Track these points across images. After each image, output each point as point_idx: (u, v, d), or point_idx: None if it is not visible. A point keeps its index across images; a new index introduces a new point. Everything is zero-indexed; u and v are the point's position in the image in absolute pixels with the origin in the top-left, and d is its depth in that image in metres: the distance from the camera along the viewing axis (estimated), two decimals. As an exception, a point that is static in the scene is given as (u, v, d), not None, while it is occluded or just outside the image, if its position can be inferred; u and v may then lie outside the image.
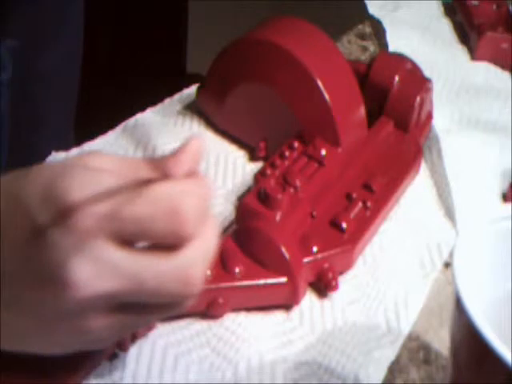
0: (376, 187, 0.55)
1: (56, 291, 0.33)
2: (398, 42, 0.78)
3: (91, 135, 0.61)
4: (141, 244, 0.35)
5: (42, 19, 0.66)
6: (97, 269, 0.33)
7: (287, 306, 0.50)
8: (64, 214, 0.33)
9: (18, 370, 0.39)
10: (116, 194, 0.33)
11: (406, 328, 0.50)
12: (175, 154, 0.37)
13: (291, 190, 0.52)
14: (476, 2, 0.83)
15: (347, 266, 0.52)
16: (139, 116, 0.64)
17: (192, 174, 0.36)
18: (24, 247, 0.34)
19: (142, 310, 0.37)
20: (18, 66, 0.63)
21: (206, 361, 0.46)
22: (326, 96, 0.56)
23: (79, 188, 0.33)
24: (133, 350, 0.45)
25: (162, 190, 0.34)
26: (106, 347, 0.39)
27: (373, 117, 0.61)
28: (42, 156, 0.57)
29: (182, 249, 0.35)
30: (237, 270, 0.48)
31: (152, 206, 0.34)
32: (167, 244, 0.35)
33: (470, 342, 0.35)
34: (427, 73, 0.65)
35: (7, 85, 0.63)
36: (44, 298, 0.34)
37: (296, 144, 0.57)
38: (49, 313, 0.35)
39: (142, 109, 0.65)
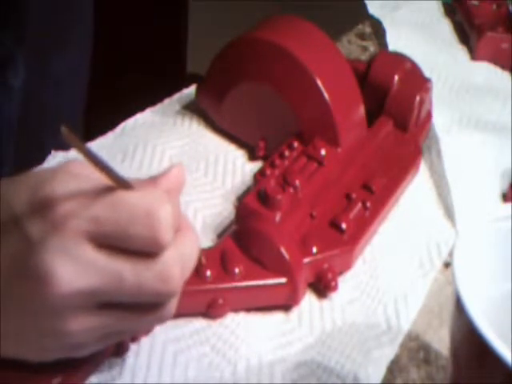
0: (375, 188, 0.55)
1: (37, 288, 0.35)
2: (397, 42, 0.78)
3: (90, 135, 0.61)
4: None
5: (55, 23, 0.66)
6: (77, 267, 0.35)
7: (286, 307, 0.50)
8: (48, 214, 0.35)
9: (17, 370, 0.39)
10: (96, 197, 0.35)
11: (405, 326, 0.50)
12: (155, 178, 0.39)
13: (291, 190, 0.52)
14: (476, 2, 0.83)
15: (347, 266, 0.52)
16: (139, 116, 0.64)
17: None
18: (10, 245, 0.36)
19: (122, 312, 0.38)
20: (29, 69, 0.63)
21: (205, 359, 0.46)
22: (326, 95, 0.55)
23: (62, 190, 0.35)
24: (132, 346, 0.45)
25: (139, 196, 0.36)
26: (87, 355, 0.40)
27: (372, 116, 0.61)
28: None
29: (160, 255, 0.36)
30: (236, 270, 0.48)
31: (130, 210, 0.35)
32: (146, 251, 0.36)
33: (470, 341, 0.35)
34: (427, 73, 0.65)
35: (19, 89, 0.63)
36: (26, 294, 0.36)
37: (295, 144, 0.57)
38: (30, 311, 0.36)
39: (142, 109, 0.65)
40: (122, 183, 0.36)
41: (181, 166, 0.40)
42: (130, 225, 0.35)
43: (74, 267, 0.35)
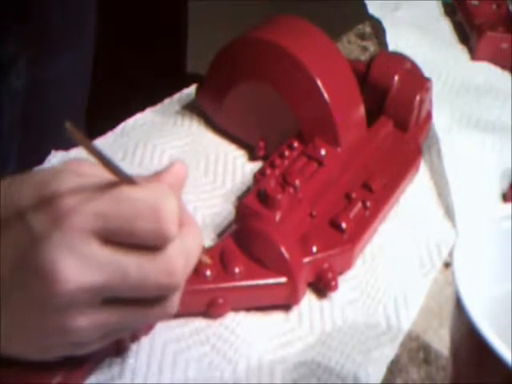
0: (375, 187, 0.55)
1: (43, 285, 0.35)
2: (397, 42, 0.78)
3: (91, 135, 0.61)
4: None
5: (58, 24, 0.66)
6: (81, 263, 0.35)
7: (286, 306, 0.50)
8: (52, 210, 0.35)
9: (17, 369, 0.39)
10: (101, 193, 0.35)
11: (405, 326, 0.50)
12: (157, 174, 0.39)
13: (291, 189, 0.52)
14: (476, 2, 0.82)
15: (347, 265, 0.52)
16: (139, 116, 0.64)
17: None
18: (15, 243, 0.36)
19: (127, 307, 0.38)
20: (31, 70, 0.63)
21: (205, 359, 0.46)
22: (326, 95, 0.56)
23: (67, 186, 0.35)
24: (132, 346, 0.45)
25: (144, 190, 0.36)
26: (90, 352, 0.40)
27: (372, 116, 0.61)
28: None
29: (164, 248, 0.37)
30: (237, 270, 0.48)
31: (135, 205, 0.35)
32: (151, 245, 0.36)
33: (470, 341, 0.35)
34: (427, 73, 0.65)
35: (21, 92, 0.63)
36: (30, 291, 0.36)
37: (295, 144, 0.57)
38: (34, 307, 0.36)
39: (142, 109, 0.65)
40: (126, 179, 0.36)
41: (182, 162, 0.40)
42: (135, 219, 0.35)
43: (80, 263, 0.35)
